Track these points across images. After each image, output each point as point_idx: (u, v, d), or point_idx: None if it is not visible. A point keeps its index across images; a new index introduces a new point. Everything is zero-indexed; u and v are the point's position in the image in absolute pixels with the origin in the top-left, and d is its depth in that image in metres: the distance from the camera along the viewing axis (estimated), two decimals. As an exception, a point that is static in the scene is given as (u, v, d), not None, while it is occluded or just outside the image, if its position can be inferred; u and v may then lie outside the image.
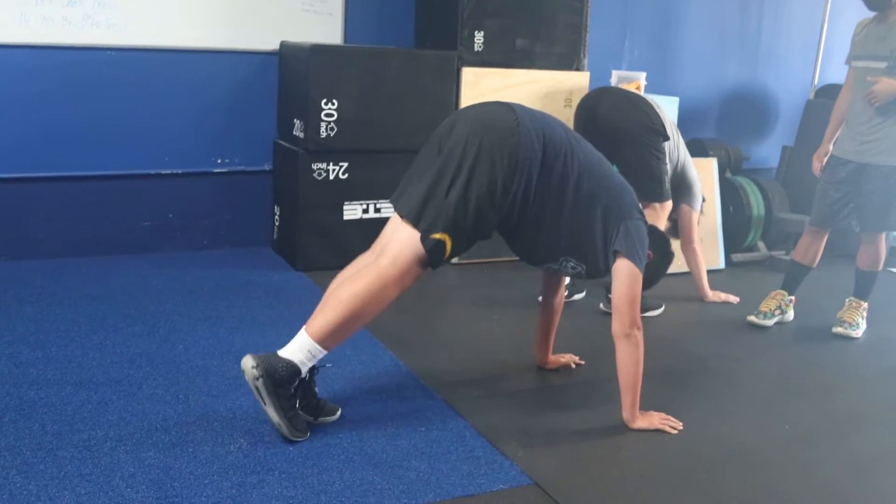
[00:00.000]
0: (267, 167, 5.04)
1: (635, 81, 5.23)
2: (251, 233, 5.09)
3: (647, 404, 3.08)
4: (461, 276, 4.86)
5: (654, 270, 3.18)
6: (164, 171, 4.83)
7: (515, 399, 3.27)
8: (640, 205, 3.14)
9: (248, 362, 2.78)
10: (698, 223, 4.62)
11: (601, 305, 4.37)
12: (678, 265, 5.01)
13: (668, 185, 4.25)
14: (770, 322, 4.33)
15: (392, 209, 2.97)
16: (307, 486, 2.53)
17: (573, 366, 3.59)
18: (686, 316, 4.45)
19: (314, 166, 4.61)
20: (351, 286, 2.80)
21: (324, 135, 4.57)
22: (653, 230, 3.16)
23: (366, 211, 4.78)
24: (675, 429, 3.06)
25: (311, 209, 4.66)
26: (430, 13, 5.16)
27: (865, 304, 4.31)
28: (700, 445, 2.99)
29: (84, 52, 4.55)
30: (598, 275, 3.10)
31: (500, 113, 2.87)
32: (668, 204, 4.32)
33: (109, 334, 3.63)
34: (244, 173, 5.02)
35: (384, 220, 4.71)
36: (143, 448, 2.68)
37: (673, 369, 3.63)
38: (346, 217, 4.73)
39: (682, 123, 5.35)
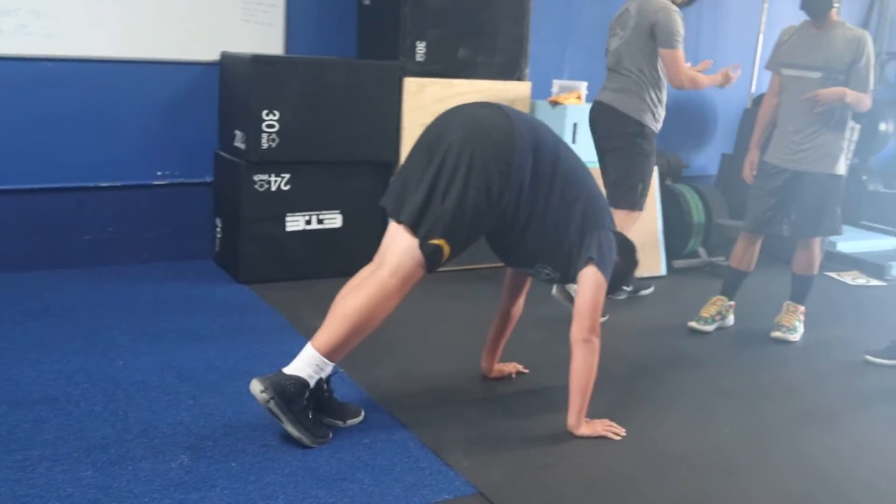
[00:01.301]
0: (208, 179, 4.99)
1: (576, 90, 5.28)
2: (193, 245, 5.03)
3: (590, 411, 3.10)
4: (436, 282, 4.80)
5: (620, 276, 3.19)
6: (103, 184, 4.75)
7: (460, 409, 3.28)
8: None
9: (255, 387, 2.83)
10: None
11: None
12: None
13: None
14: (710, 327, 4.39)
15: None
16: (250, 502, 2.50)
17: (514, 375, 3.60)
18: (628, 322, 4.49)
19: (256, 178, 4.57)
20: (354, 299, 2.86)
21: (265, 146, 4.54)
22: (620, 236, 3.21)
23: (308, 222, 4.74)
24: (619, 435, 3.09)
25: (253, 221, 4.62)
26: (372, 23, 5.15)
27: (803, 308, 4.40)
28: (644, 451, 3.02)
29: (19, 62, 4.46)
30: (567, 280, 3.15)
31: (494, 118, 2.91)
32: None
33: (47, 351, 3.55)
34: (185, 185, 4.96)
35: (328, 232, 4.79)
36: (81, 467, 2.63)
37: (615, 375, 3.66)
38: (288, 228, 4.70)
39: (623, 132, 5.41)
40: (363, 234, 4.84)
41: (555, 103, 5.20)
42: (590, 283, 2.99)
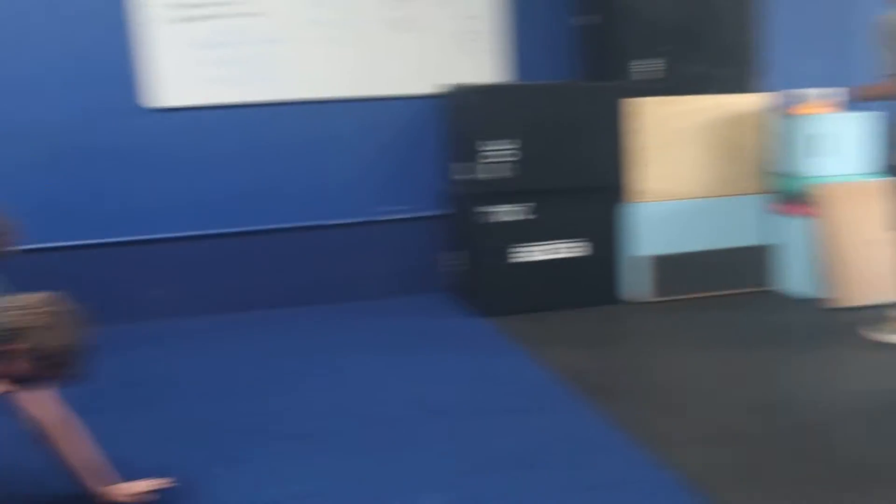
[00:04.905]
0: (439, 212, 4.95)
1: (822, 100, 4.87)
2: (424, 280, 5.00)
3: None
4: (663, 315, 4.57)
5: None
6: (332, 222, 4.83)
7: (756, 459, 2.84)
8: None
9: None
10: None
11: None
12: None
13: None
14: None
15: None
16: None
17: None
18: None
19: (487, 209, 4.49)
20: None
21: (495, 176, 4.44)
22: None
23: (544, 252, 4.59)
24: None
25: (488, 253, 4.53)
26: (596, 44, 4.98)
27: None
28: None
29: (243, 109, 4.63)
30: None
31: None
32: None
33: (301, 384, 3.59)
34: (415, 220, 4.95)
35: (564, 261, 4.63)
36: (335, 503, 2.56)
37: None
38: (523, 259, 4.57)
39: None
40: (602, 264, 4.68)
41: (794, 114, 4.81)
42: None
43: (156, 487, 2.63)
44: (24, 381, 2.30)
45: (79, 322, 2.30)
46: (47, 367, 2.25)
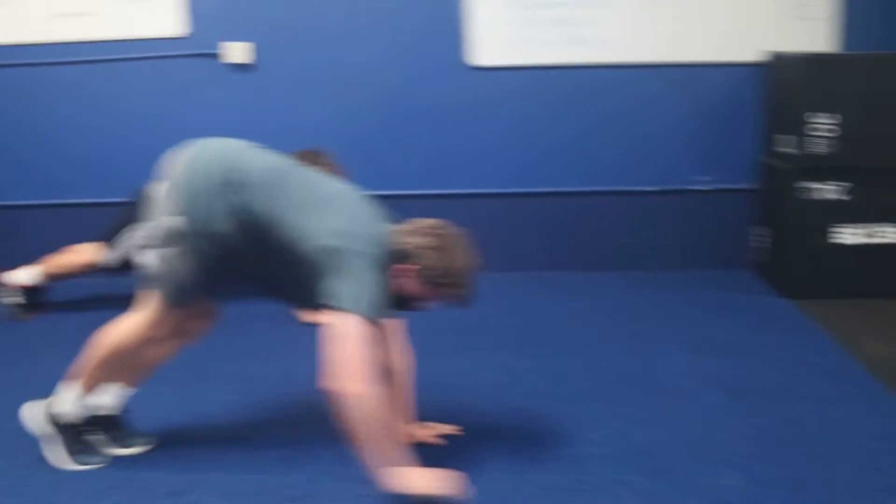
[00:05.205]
0: (749, 185, 4.78)
1: None
2: (727, 254, 4.87)
3: None
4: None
5: None
6: (642, 188, 4.81)
7: None
8: None
9: None
10: None
11: None
12: None
13: None
14: None
15: None
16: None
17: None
18: None
19: (806, 185, 4.26)
20: None
21: (817, 151, 4.21)
22: None
23: (864, 235, 4.31)
24: None
25: (800, 231, 4.32)
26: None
27: None
28: None
29: (565, 71, 4.70)
30: None
31: None
32: None
33: (593, 348, 3.65)
34: (722, 191, 4.81)
35: (886, 247, 4.30)
36: (629, 470, 2.60)
37: None
38: (840, 241, 4.31)
39: None
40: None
41: None
42: None
43: (446, 433, 2.80)
44: (412, 301, 2.49)
45: (467, 247, 2.46)
46: (435, 288, 2.43)
